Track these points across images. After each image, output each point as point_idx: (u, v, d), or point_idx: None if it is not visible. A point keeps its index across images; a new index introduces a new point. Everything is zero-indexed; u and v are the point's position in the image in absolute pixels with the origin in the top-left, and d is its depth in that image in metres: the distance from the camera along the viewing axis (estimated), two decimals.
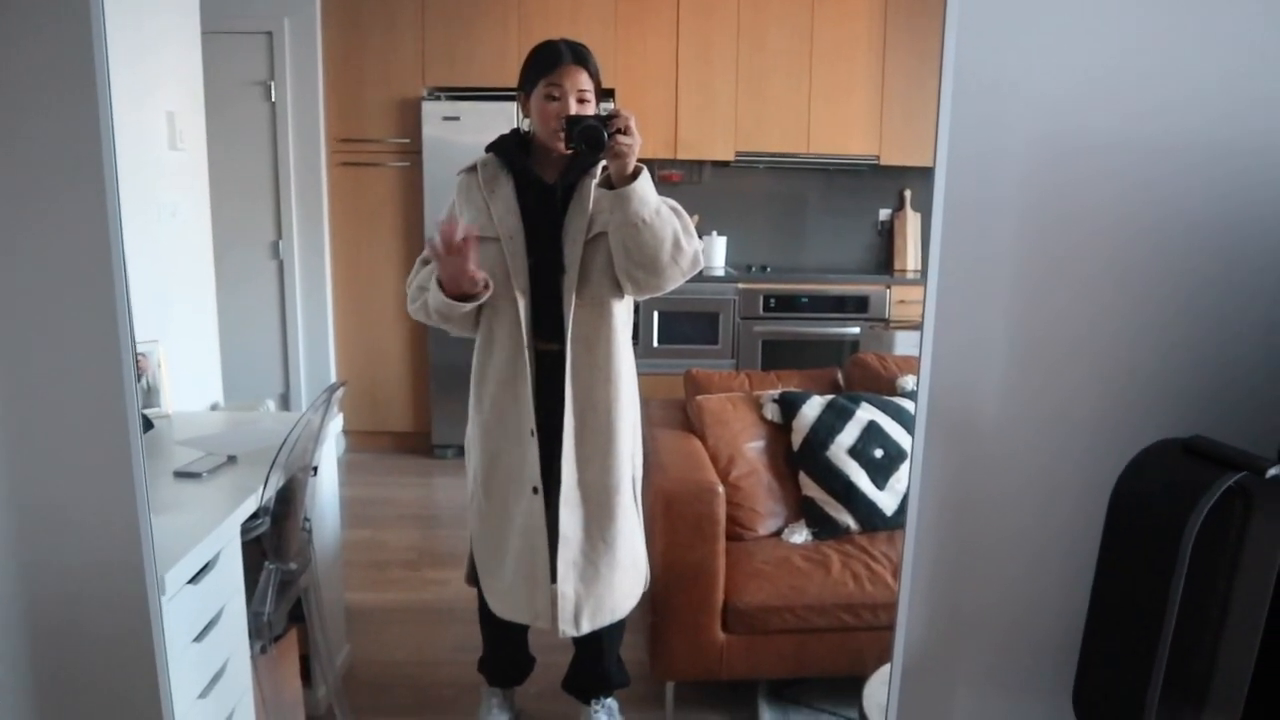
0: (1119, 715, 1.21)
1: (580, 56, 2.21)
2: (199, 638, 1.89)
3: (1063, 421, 1.43)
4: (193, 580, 1.85)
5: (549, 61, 2.20)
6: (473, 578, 2.48)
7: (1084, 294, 1.41)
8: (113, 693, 1.61)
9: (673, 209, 2.17)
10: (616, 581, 2.34)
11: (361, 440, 5.21)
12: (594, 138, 2.04)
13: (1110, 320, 1.42)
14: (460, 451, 2.45)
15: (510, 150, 2.29)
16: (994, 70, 1.36)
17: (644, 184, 2.09)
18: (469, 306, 2.18)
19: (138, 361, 2.53)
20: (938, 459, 1.44)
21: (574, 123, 2.07)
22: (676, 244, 2.14)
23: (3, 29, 1.42)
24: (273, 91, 4.86)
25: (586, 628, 2.33)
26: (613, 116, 2.04)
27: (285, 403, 4.95)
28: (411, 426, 5.21)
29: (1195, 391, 1.40)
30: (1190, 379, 1.41)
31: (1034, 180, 1.39)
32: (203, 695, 1.89)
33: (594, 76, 2.22)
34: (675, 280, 2.19)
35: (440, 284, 2.17)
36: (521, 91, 2.27)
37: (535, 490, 2.26)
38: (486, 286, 2.19)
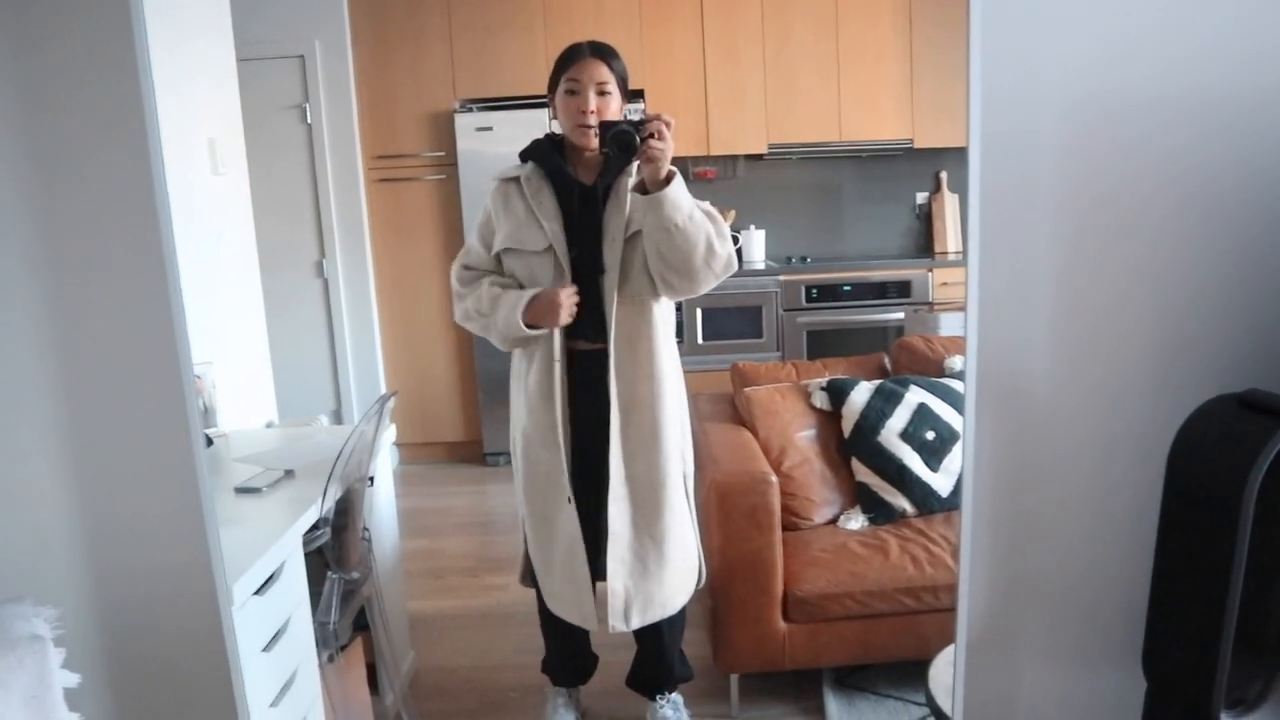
0: (1192, 677, 1.20)
1: (599, 51, 2.23)
2: (268, 647, 1.92)
3: (1114, 383, 1.41)
4: (259, 591, 1.89)
5: (568, 58, 2.24)
6: (527, 578, 2.50)
7: (1129, 252, 1.39)
8: (188, 704, 1.65)
9: (706, 212, 2.17)
10: (666, 577, 2.35)
11: (414, 452, 5.28)
12: (626, 142, 2.05)
13: (1157, 277, 1.39)
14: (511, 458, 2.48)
15: (546, 155, 2.30)
16: (1023, 38, 1.34)
17: (677, 189, 2.09)
18: (542, 332, 2.24)
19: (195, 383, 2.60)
20: (990, 429, 1.43)
21: (607, 127, 2.08)
22: (709, 248, 2.14)
23: (51, 71, 1.46)
24: (308, 113, 4.94)
25: (636, 623, 2.34)
26: (647, 121, 2.05)
27: (338, 418, 5.03)
28: (462, 436, 5.26)
29: (1247, 346, 1.37)
30: (1241, 334, 1.38)
31: (1073, 141, 1.37)
32: (274, 704, 1.93)
33: (615, 70, 2.23)
34: (708, 283, 2.20)
35: (524, 317, 2.22)
36: (550, 95, 2.30)
37: (569, 500, 2.29)
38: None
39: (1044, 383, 1.43)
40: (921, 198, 5.49)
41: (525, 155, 2.34)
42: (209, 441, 2.55)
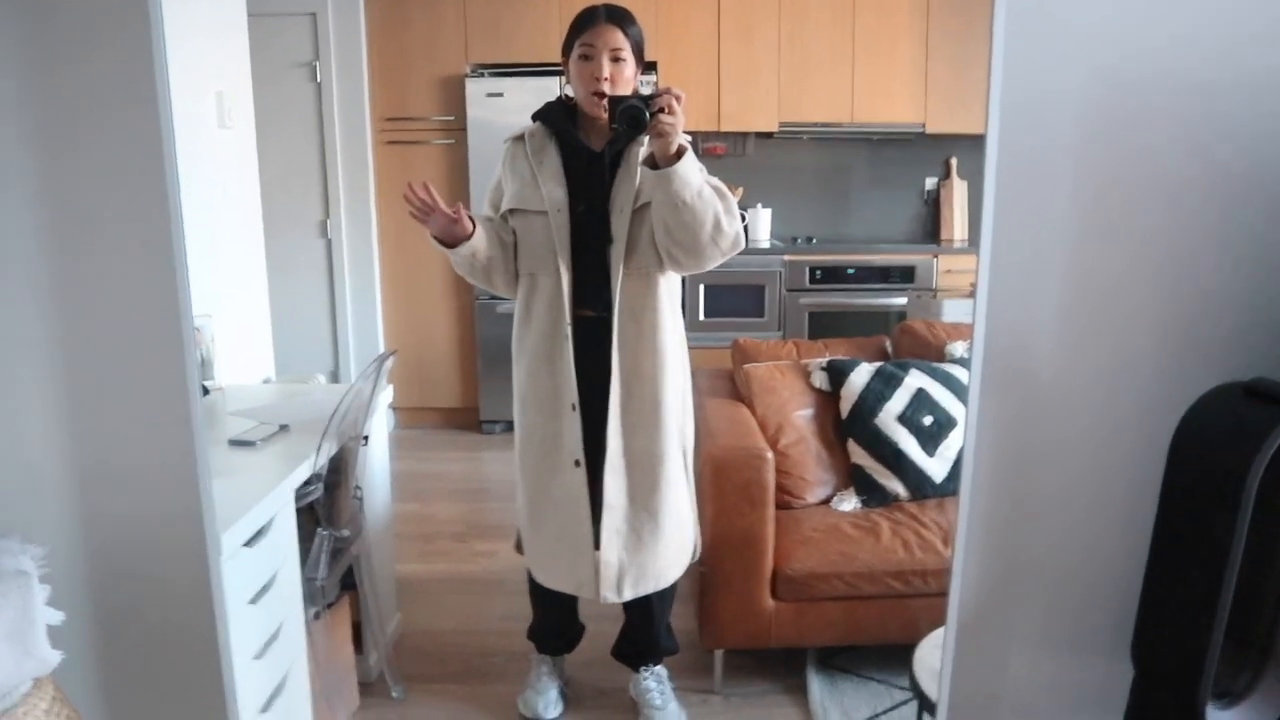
0: (1178, 667, 1.19)
1: (615, 16, 2.20)
2: (254, 600, 1.92)
3: (1120, 367, 1.40)
4: (248, 544, 1.88)
5: (583, 22, 2.21)
6: (522, 546, 2.50)
7: (1140, 237, 1.37)
8: (171, 651, 1.64)
9: (716, 189, 2.14)
10: (661, 550, 2.34)
11: (410, 416, 5.27)
12: (635, 117, 2.01)
13: (1167, 263, 1.38)
14: (508, 427, 2.47)
15: (557, 118, 2.28)
16: (1047, 7, 1.32)
17: (687, 165, 2.06)
18: (466, 250, 2.19)
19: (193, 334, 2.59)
20: (993, 409, 1.41)
21: (616, 102, 2.05)
22: (717, 225, 2.12)
23: (62, 21, 1.45)
24: (318, 72, 4.90)
25: (629, 595, 2.34)
26: (656, 95, 2.02)
27: (335, 377, 5.02)
28: (459, 402, 5.26)
29: (1256, 334, 1.36)
30: (1250, 322, 1.36)
31: (1090, 119, 1.35)
32: (259, 656, 1.93)
33: (630, 36, 2.20)
34: (714, 260, 2.18)
35: (440, 241, 2.20)
36: (564, 58, 2.27)
37: (577, 463, 2.27)
38: (471, 220, 2.19)
39: (1049, 364, 1.41)
40: (930, 184, 5.46)
41: (537, 116, 2.32)
42: (205, 392, 2.54)
